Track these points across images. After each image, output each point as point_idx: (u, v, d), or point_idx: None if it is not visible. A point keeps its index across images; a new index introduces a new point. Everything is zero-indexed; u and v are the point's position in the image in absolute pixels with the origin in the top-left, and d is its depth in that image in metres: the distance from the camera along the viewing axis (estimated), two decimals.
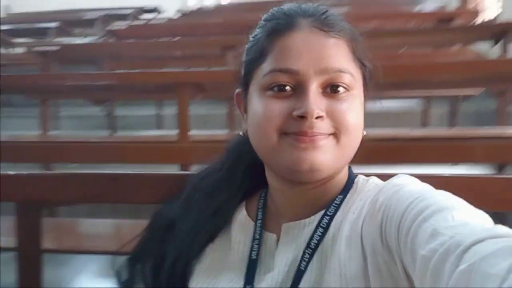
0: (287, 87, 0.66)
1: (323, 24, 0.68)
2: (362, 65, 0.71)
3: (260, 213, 0.75)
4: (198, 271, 0.74)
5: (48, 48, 2.99)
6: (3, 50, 4.86)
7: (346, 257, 0.63)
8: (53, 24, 4.66)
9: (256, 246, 0.72)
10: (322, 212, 0.69)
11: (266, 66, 0.67)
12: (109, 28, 4.02)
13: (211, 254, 0.75)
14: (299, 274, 0.65)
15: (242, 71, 0.74)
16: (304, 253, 0.66)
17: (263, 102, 0.67)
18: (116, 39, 3.67)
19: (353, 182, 0.72)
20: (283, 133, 0.65)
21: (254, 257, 0.71)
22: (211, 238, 0.76)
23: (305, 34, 0.67)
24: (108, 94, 2.94)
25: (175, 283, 0.75)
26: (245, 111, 0.74)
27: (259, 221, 0.74)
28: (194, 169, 0.90)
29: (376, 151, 1.40)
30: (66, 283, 2.18)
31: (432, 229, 0.50)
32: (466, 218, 0.51)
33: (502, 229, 0.47)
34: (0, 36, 4.30)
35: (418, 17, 3.88)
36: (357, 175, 0.74)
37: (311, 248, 0.66)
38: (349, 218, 0.66)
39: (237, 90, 0.77)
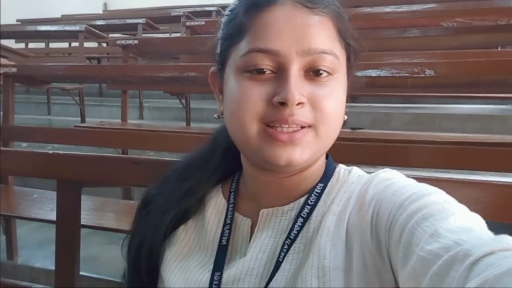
0: (267, 70, 0.60)
1: None
2: (347, 45, 0.65)
3: (232, 196, 0.72)
4: (170, 254, 0.72)
5: (129, 41, 3.19)
6: (95, 44, 5.28)
7: (327, 249, 0.60)
8: (141, 20, 4.94)
9: (227, 231, 0.69)
10: (303, 200, 0.66)
11: (244, 45, 0.62)
12: (189, 24, 4.20)
13: (183, 235, 0.73)
14: (277, 265, 0.62)
15: (218, 48, 0.69)
16: (283, 244, 0.63)
17: (240, 85, 0.61)
18: (194, 35, 3.82)
19: (333, 171, 0.69)
20: (262, 123, 0.61)
21: (224, 242, 0.68)
22: (182, 220, 0.74)
23: (288, 9, 0.61)
24: (182, 87, 3.08)
25: (141, 264, 0.73)
26: (221, 92, 0.69)
27: (231, 205, 0.71)
28: None
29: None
30: None
31: (432, 230, 0.48)
32: (468, 223, 0.49)
33: (508, 239, 0.44)
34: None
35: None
36: (337, 164, 0.71)
37: (291, 239, 0.63)
38: (333, 210, 0.63)
39: (212, 69, 0.72)
